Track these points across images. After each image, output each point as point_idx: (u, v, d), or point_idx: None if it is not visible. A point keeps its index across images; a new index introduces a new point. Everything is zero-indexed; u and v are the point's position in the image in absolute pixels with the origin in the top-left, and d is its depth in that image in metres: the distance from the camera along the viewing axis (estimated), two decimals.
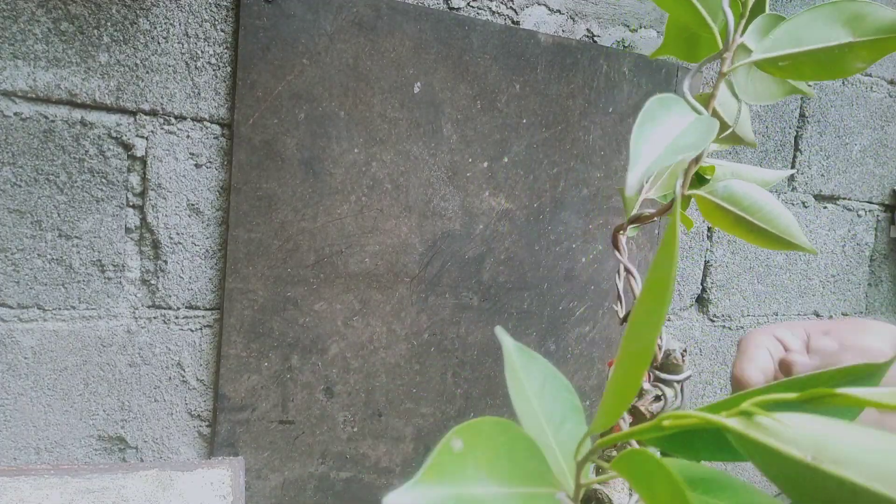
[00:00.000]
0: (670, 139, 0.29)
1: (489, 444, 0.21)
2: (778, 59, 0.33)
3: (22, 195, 0.73)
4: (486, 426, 0.21)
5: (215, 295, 0.83)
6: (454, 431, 0.20)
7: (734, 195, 0.34)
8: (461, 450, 0.20)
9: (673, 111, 0.30)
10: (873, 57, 0.32)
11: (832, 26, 0.31)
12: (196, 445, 0.86)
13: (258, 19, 0.77)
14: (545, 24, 0.96)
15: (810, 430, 0.14)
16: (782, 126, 1.19)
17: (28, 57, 0.71)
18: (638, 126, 0.28)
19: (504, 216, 0.94)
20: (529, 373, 0.27)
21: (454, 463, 0.20)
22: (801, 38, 0.32)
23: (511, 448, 0.21)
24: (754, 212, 0.34)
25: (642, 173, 0.27)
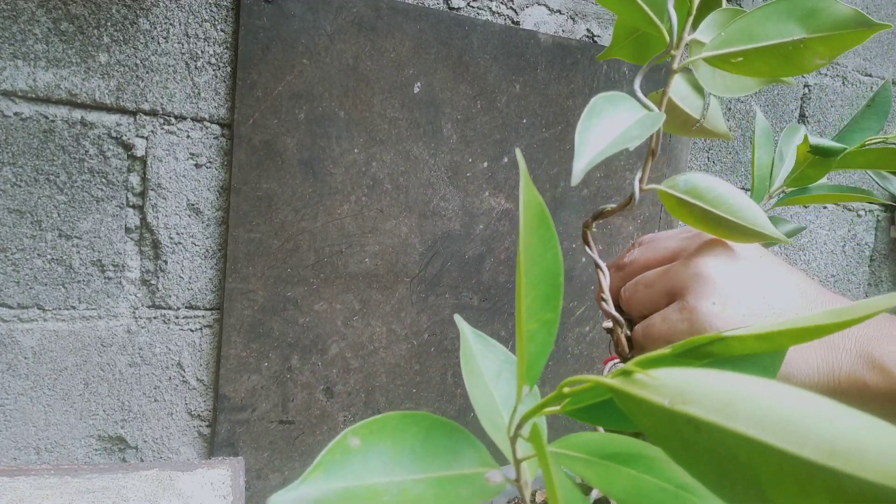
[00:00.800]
0: (617, 133, 0.29)
1: (396, 437, 0.21)
2: (730, 56, 0.32)
3: (22, 195, 0.73)
4: (391, 421, 0.21)
5: (215, 295, 0.83)
6: (350, 430, 0.20)
7: (696, 188, 0.34)
8: (359, 446, 0.20)
9: (620, 108, 0.31)
10: (830, 53, 0.31)
11: (786, 22, 0.31)
12: (196, 445, 0.86)
13: (258, 19, 0.77)
14: (545, 24, 0.96)
15: (675, 379, 0.15)
16: (782, 126, 1.19)
17: (28, 57, 0.71)
18: (584, 119, 0.29)
19: (504, 216, 0.94)
20: (486, 359, 0.28)
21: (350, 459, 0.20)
22: (753, 34, 0.32)
23: (427, 437, 0.21)
24: (719, 204, 0.33)
25: (587, 162, 0.28)
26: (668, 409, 0.14)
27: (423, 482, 0.20)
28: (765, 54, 0.32)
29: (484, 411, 0.25)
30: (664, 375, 0.15)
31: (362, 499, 0.19)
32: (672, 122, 0.37)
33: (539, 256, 0.21)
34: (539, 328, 0.21)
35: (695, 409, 0.14)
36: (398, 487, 0.20)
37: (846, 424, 0.12)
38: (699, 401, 0.14)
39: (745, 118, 1.15)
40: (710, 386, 0.14)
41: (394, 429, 0.21)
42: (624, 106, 0.31)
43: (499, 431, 0.24)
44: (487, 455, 0.22)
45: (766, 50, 0.32)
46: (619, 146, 0.29)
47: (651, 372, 0.15)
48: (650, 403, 0.15)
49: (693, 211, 0.34)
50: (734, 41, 0.32)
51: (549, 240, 0.21)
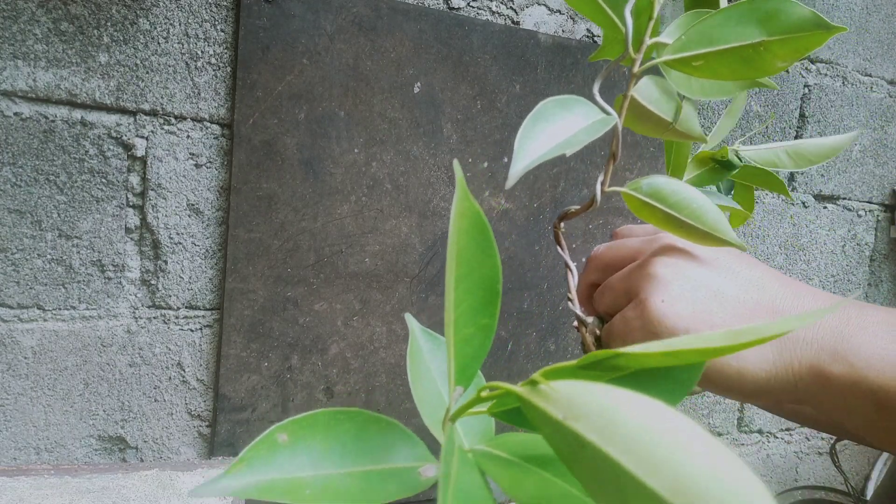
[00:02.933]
0: (561, 137, 0.29)
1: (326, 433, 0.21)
2: (690, 59, 0.32)
3: (22, 195, 0.73)
4: (320, 417, 0.21)
5: (215, 295, 0.83)
6: (277, 426, 0.20)
7: (660, 192, 0.34)
8: (287, 441, 0.20)
9: (574, 111, 0.31)
10: (792, 55, 0.31)
11: (745, 25, 0.31)
12: (196, 445, 0.86)
13: (258, 19, 0.77)
14: (545, 24, 0.96)
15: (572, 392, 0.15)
16: (782, 126, 1.19)
17: (28, 57, 0.71)
18: (527, 123, 0.29)
19: (504, 216, 0.94)
20: (435, 357, 0.28)
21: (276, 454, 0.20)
22: (713, 37, 0.32)
23: (360, 433, 0.21)
24: (681, 208, 0.34)
25: (525, 165, 0.28)
26: (561, 422, 0.15)
27: (349, 476, 0.20)
28: (725, 57, 0.32)
29: (427, 409, 0.25)
30: (563, 388, 0.15)
31: (283, 491, 0.19)
32: (644, 125, 0.37)
33: (478, 264, 0.21)
34: (476, 332, 0.21)
35: (580, 425, 0.14)
36: (323, 481, 0.20)
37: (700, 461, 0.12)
38: (586, 417, 0.14)
39: (744, 118, 1.15)
40: (598, 403, 0.14)
41: (325, 425, 0.21)
42: (578, 109, 0.31)
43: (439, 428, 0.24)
44: (425, 450, 0.22)
45: (726, 53, 0.32)
46: (563, 149, 0.29)
47: (553, 383, 0.16)
48: (547, 415, 0.15)
49: (655, 213, 0.34)
50: (693, 44, 0.32)
51: (487, 247, 0.21)
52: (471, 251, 0.21)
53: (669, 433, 0.13)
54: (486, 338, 0.21)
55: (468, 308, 0.21)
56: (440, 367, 0.27)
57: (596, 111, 0.31)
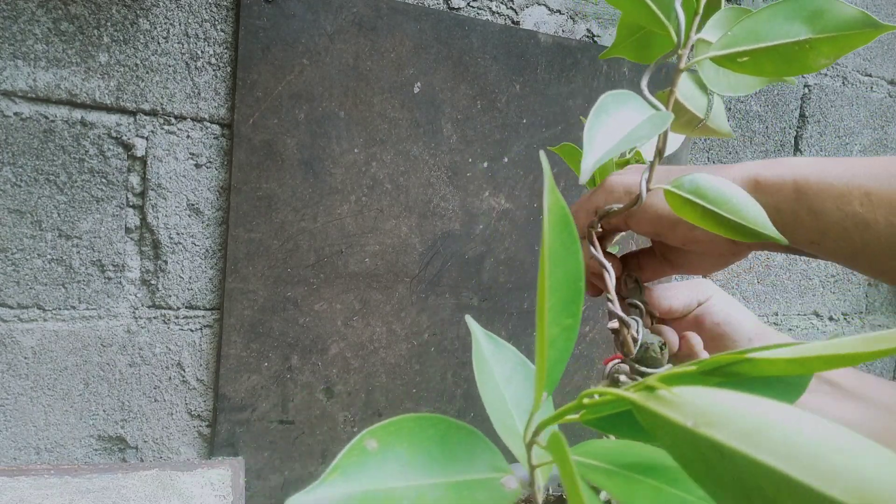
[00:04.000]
0: (627, 130, 0.30)
1: (413, 440, 0.21)
2: (736, 56, 0.33)
3: (22, 195, 0.73)
4: (407, 423, 0.21)
5: (215, 295, 0.83)
6: (367, 432, 0.20)
7: (700, 188, 0.35)
8: (376, 448, 0.20)
9: (628, 106, 0.31)
10: (836, 53, 0.32)
11: (792, 22, 0.31)
12: (196, 445, 0.86)
13: (258, 19, 0.77)
14: (545, 24, 0.96)
15: (696, 399, 0.15)
16: (782, 126, 1.19)
17: (28, 57, 0.71)
18: (593, 116, 0.29)
19: (504, 216, 0.94)
20: (498, 360, 0.27)
21: (367, 462, 0.20)
22: (760, 34, 0.32)
23: (443, 440, 0.21)
24: (721, 204, 0.34)
25: (596, 160, 0.28)
26: (692, 430, 0.14)
27: (440, 486, 0.20)
28: (770, 54, 0.32)
29: (497, 414, 0.25)
30: (688, 394, 0.15)
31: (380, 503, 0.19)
32: (676, 120, 0.37)
33: (561, 260, 0.21)
34: (560, 333, 0.21)
35: (719, 433, 0.13)
36: (416, 492, 0.20)
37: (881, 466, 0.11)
38: (724, 425, 0.13)
39: (744, 118, 1.15)
40: (736, 410, 0.14)
41: (410, 432, 0.21)
42: (632, 104, 0.31)
43: (511, 435, 0.24)
44: (502, 459, 0.22)
45: (772, 50, 0.32)
46: (627, 144, 0.29)
47: (674, 389, 0.15)
48: (673, 423, 0.14)
49: (696, 209, 0.35)
50: (740, 41, 0.33)
51: (571, 244, 0.21)
52: (557, 247, 0.20)
53: (833, 439, 0.12)
54: (569, 339, 0.21)
55: (553, 306, 0.20)
56: (502, 370, 0.27)
57: (646, 106, 0.32)
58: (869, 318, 1.36)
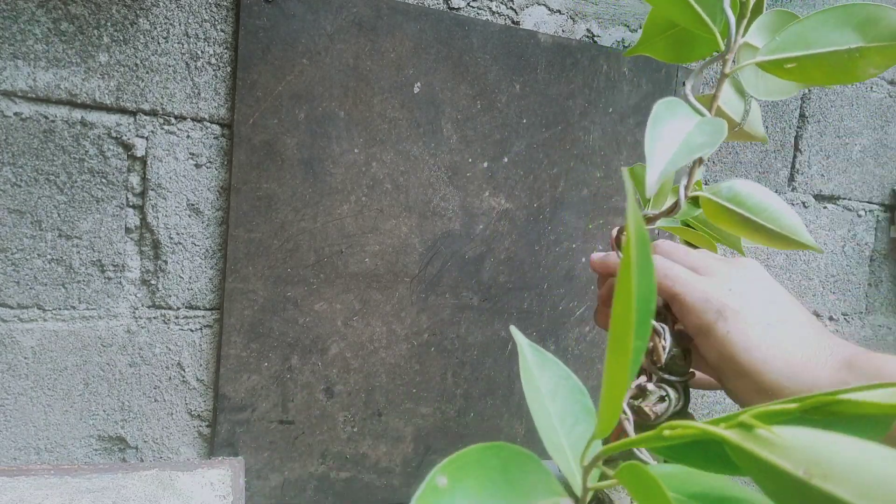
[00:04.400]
0: (681, 140, 0.29)
1: (478, 472, 0.21)
2: (784, 62, 0.32)
3: (22, 195, 0.73)
4: (472, 455, 0.21)
5: (215, 295, 0.83)
6: (438, 469, 0.20)
7: (738, 196, 0.34)
8: (446, 486, 0.20)
9: (678, 114, 0.30)
10: (887, 63, 0.30)
11: (843, 30, 0.30)
12: (196, 445, 0.86)
13: (258, 19, 0.77)
14: (545, 24, 0.96)
15: (805, 444, 0.14)
16: (782, 126, 1.19)
17: (28, 57, 0.71)
18: (650, 127, 0.28)
19: (504, 216, 0.94)
20: (543, 373, 0.27)
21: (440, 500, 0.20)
22: (809, 40, 0.31)
23: (505, 468, 0.21)
24: (759, 212, 0.34)
25: (660, 172, 0.27)
26: (804, 480, 0.13)
27: None
28: (819, 61, 0.31)
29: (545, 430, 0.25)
30: (791, 436, 0.14)
31: None
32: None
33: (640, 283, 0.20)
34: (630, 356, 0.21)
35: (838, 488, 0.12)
36: None
37: None
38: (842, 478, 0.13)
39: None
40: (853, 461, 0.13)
41: (476, 463, 0.21)
42: (681, 112, 0.30)
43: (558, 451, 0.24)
44: (557, 484, 0.22)
45: (821, 57, 0.31)
46: (688, 156, 0.28)
47: (775, 429, 0.14)
48: (780, 469, 0.14)
49: (733, 217, 0.34)
50: (789, 47, 0.32)
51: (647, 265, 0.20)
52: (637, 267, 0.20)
53: None
54: (636, 362, 0.20)
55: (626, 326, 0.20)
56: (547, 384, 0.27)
57: (692, 112, 0.31)
58: (869, 319, 1.36)
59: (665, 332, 0.38)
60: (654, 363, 0.38)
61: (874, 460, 0.13)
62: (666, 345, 0.37)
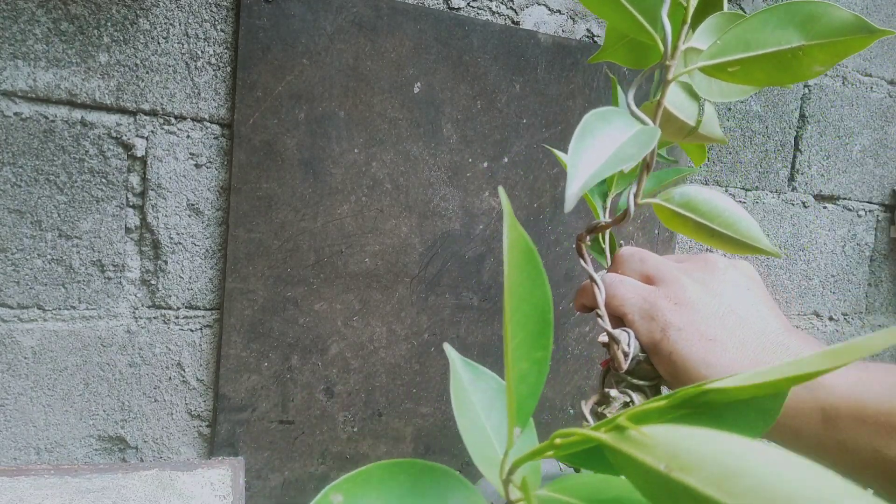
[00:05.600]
0: (611, 151, 0.28)
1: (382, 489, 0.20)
2: (726, 65, 0.31)
3: (22, 195, 0.73)
4: (376, 472, 0.20)
5: (215, 295, 0.83)
6: (332, 487, 0.19)
7: (691, 202, 0.34)
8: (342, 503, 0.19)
9: (613, 123, 0.29)
10: (830, 59, 0.30)
11: (784, 29, 0.30)
12: (196, 445, 0.86)
13: (258, 19, 0.77)
14: (545, 24, 0.96)
15: (669, 439, 0.14)
16: (782, 126, 1.19)
17: (28, 57, 0.71)
18: (576, 139, 0.28)
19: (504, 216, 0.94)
20: (478, 389, 0.27)
21: None
22: (750, 41, 0.30)
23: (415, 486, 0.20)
24: (713, 217, 0.33)
25: (580, 188, 0.26)
26: (665, 474, 0.14)
27: None
28: (762, 62, 0.31)
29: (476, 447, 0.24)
30: (659, 434, 0.14)
31: None
32: (667, 130, 0.36)
33: (527, 294, 0.20)
34: (530, 367, 0.20)
35: (693, 478, 0.13)
36: None
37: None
38: (698, 468, 0.13)
39: (744, 118, 1.15)
40: (709, 452, 0.13)
41: (379, 480, 0.20)
42: (617, 122, 0.30)
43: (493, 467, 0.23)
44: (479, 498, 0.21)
45: (764, 58, 0.31)
46: (614, 168, 0.27)
47: (644, 429, 0.15)
48: (645, 465, 0.14)
49: (688, 224, 0.34)
50: (730, 49, 0.31)
51: (536, 277, 0.20)
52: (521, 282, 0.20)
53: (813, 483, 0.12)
54: (541, 373, 0.21)
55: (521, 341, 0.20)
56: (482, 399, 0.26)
57: (633, 122, 0.30)
58: (869, 319, 1.36)
59: (629, 338, 0.38)
60: (615, 370, 0.38)
61: (730, 450, 0.13)
62: (629, 350, 0.37)
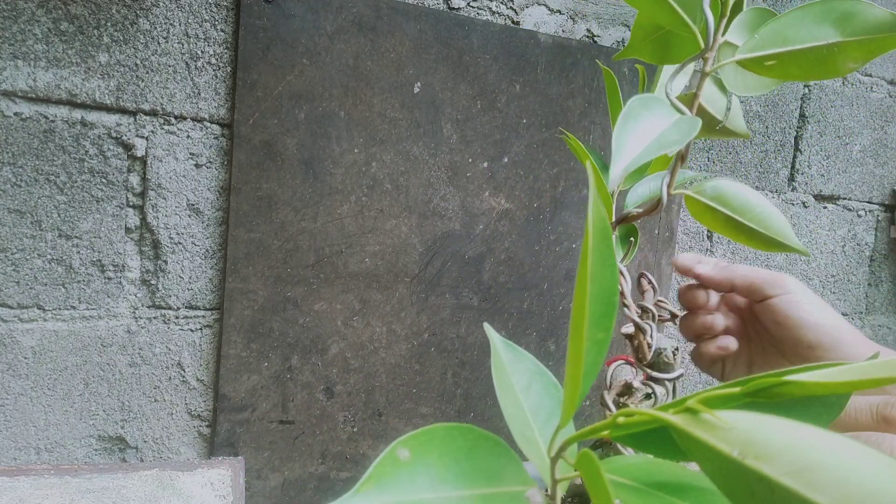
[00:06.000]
0: (654, 136, 0.29)
1: (443, 449, 0.20)
2: (763, 59, 0.32)
3: (22, 195, 0.73)
4: (438, 432, 0.21)
5: (215, 295, 0.83)
6: (399, 441, 0.20)
7: (723, 195, 0.34)
8: (408, 458, 0.20)
9: (655, 111, 0.30)
10: (865, 57, 0.31)
11: (821, 25, 0.30)
12: (196, 445, 0.86)
13: (258, 19, 0.77)
14: (545, 24, 0.96)
15: (744, 426, 0.14)
16: (782, 126, 1.19)
17: (28, 57, 0.71)
18: (621, 122, 0.28)
19: (504, 216, 0.94)
20: (517, 369, 0.27)
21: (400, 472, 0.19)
22: (787, 36, 0.31)
23: (471, 451, 0.21)
24: (744, 212, 0.33)
25: (625, 167, 0.27)
26: (738, 461, 0.13)
27: (468, 499, 0.20)
28: (798, 58, 0.31)
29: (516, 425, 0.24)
30: (733, 419, 0.14)
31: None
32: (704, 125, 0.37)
33: (599, 275, 0.20)
34: (591, 348, 0.20)
35: (769, 467, 0.13)
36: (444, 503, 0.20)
37: None
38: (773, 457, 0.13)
39: (745, 116, 1.15)
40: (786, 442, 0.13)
41: (441, 441, 0.20)
42: (659, 110, 0.30)
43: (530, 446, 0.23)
44: (525, 472, 0.21)
45: (800, 53, 0.31)
46: (658, 151, 0.28)
47: (718, 413, 0.15)
48: (718, 451, 0.14)
49: (717, 217, 0.34)
50: (767, 44, 0.32)
51: (609, 258, 0.20)
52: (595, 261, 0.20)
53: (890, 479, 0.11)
54: (600, 354, 0.20)
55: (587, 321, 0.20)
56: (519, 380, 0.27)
57: (671, 110, 0.31)
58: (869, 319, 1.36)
59: (651, 330, 0.38)
60: (640, 360, 0.38)
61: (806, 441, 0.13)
62: (651, 342, 0.38)
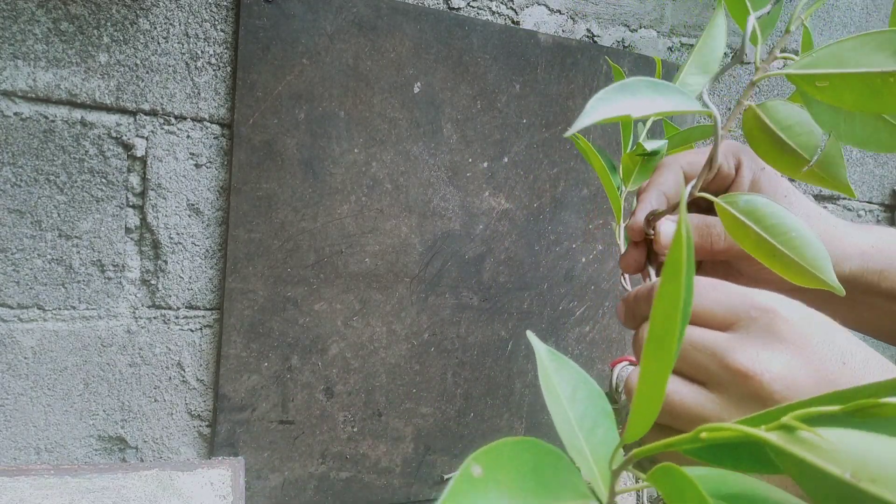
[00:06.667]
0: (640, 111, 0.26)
1: (511, 465, 0.20)
2: (815, 78, 0.30)
3: (22, 195, 0.73)
4: (506, 448, 0.21)
5: (215, 295, 0.83)
6: (473, 458, 0.20)
7: (756, 211, 0.31)
8: (481, 475, 0.20)
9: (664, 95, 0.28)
10: None
11: (880, 52, 0.28)
12: (196, 445, 0.86)
13: (258, 19, 0.77)
14: (545, 24, 0.96)
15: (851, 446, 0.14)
16: None
17: (28, 57, 0.71)
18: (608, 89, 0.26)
19: (504, 216, 0.94)
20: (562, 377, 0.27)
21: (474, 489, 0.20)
22: (843, 59, 0.29)
23: (536, 465, 0.21)
24: (777, 234, 0.30)
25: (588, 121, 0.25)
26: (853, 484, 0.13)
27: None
28: (851, 82, 0.29)
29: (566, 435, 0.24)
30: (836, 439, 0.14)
31: None
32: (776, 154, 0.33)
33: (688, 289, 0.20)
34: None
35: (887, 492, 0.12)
36: None
37: None
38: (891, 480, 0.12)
39: None
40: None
41: (509, 457, 0.21)
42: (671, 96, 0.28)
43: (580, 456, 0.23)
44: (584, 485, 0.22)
45: (854, 77, 0.29)
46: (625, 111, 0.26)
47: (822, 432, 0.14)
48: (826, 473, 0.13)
49: (748, 235, 0.31)
50: (822, 63, 0.30)
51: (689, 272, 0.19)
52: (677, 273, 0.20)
53: None
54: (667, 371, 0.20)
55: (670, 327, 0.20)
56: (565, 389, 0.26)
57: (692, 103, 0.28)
58: None
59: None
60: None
61: None
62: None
